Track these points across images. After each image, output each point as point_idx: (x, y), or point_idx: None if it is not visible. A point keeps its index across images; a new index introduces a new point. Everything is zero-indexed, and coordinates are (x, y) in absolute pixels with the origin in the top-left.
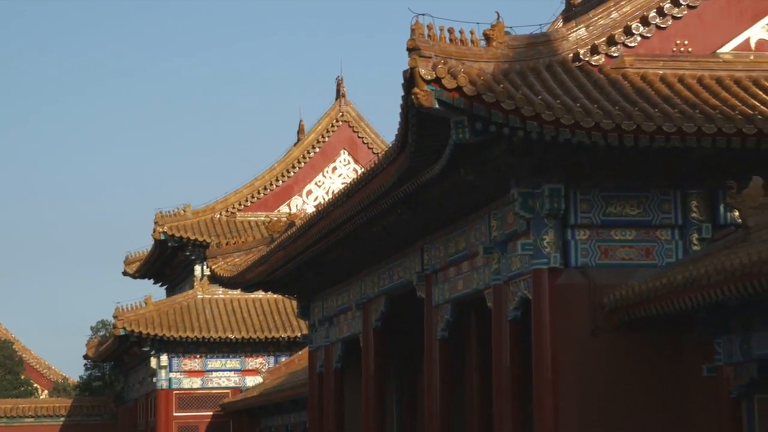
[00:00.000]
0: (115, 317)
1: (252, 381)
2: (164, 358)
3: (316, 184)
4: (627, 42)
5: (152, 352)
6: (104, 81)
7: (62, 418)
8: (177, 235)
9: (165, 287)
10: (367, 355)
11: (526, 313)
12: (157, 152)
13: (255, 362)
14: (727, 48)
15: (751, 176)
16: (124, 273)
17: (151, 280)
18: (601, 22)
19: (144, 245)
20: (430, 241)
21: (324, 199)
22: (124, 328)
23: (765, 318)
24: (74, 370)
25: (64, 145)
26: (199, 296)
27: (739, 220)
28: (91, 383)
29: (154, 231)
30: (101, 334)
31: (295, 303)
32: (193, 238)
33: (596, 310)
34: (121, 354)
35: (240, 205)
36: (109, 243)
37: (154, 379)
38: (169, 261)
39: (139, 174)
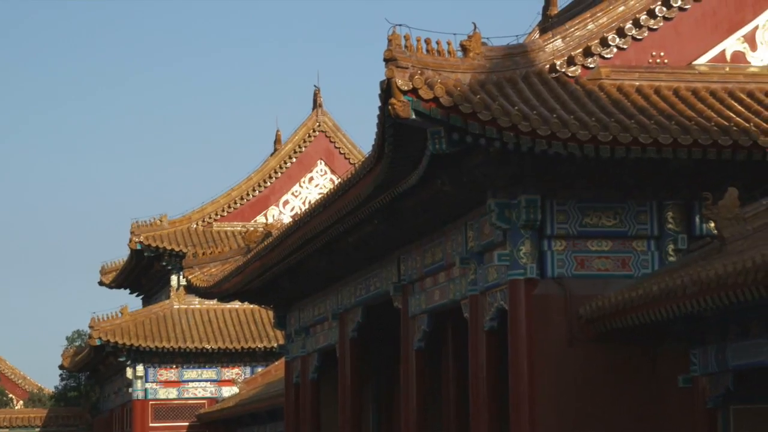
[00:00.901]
0: (90, 327)
1: (228, 391)
2: (140, 368)
3: (292, 194)
4: (603, 53)
5: (128, 363)
6: (80, 92)
7: (37, 429)
8: (153, 244)
9: (141, 297)
10: (343, 366)
11: (502, 323)
12: (133, 162)
13: (231, 373)
14: (703, 60)
15: (727, 187)
16: (100, 283)
17: (127, 290)
18: (578, 33)
19: (120, 255)
20: (406, 251)
21: (301, 209)
22: (99, 338)
23: (740, 329)
24: (50, 381)
25: (39, 155)
26: (175, 306)
27: (715, 232)
28: (67, 393)
29: (131, 241)
30: (77, 344)
31: (271, 313)
32: (169, 248)
33: (572, 321)
34: (97, 364)
35: (217, 215)
36: (84, 253)
37: (130, 390)
38: (145, 271)
39: (116, 183)
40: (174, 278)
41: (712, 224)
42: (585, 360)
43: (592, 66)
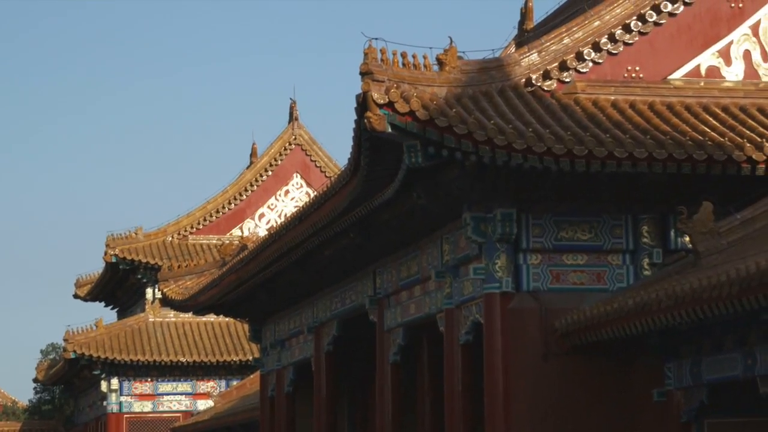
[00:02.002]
0: (65, 340)
1: (203, 405)
2: (115, 381)
3: (268, 207)
4: (579, 67)
5: (103, 376)
6: (56, 104)
7: None
8: (128, 257)
9: (116, 310)
10: (318, 379)
11: (478, 337)
12: (108, 174)
13: (206, 386)
14: (678, 74)
15: (702, 201)
16: (75, 296)
17: (102, 303)
18: (554, 47)
19: (95, 268)
20: (382, 264)
21: (276, 222)
22: (74, 352)
23: (715, 343)
24: (24, 394)
25: (13, 168)
26: (150, 319)
27: (690, 246)
28: (41, 407)
29: (106, 253)
30: (51, 357)
31: (246, 326)
32: (144, 260)
33: (548, 335)
34: (72, 377)
35: (192, 228)
36: (59, 265)
37: (105, 403)
38: (120, 284)
39: (91, 196)
40: (149, 291)
41: (687, 238)
42: (560, 373)
43: (567, 80)
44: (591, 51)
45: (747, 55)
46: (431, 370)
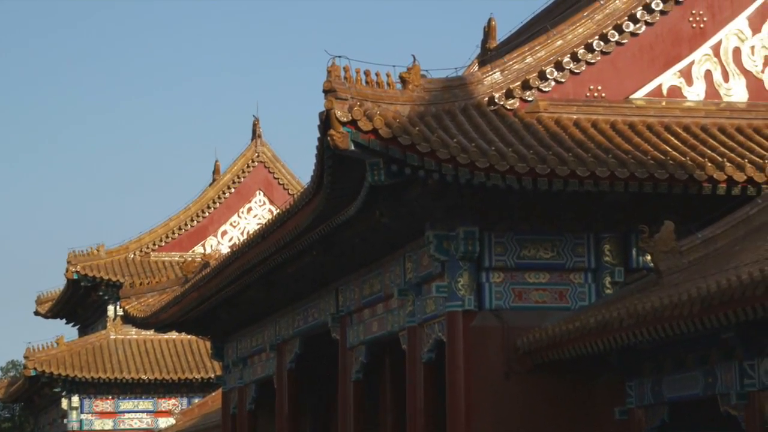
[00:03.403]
0: (25, 357)
1: (165, 422)
2: (75, 399)
3: (231, 224)
4: (541, 86)
5: (63, 393)
6: (16, 120)
7: None
8: (90, 274)
9: (77, 327)
10: (280, 397)
11: (440, 355)
12: (70, 191)
13: (168, 403)
14: (640, 94)
15: (663, 221)
16: (36, 313)
17: (64, 320)
18: (516, 66)
19: (56, 285)
20: (345, 282)
21: (239, 239)
22: (35, 369)
23: (676, 361)
24: None
25: None
26: (111, 336)
27: (651, 264)
28: (1, 425)
29: (67, 270)
30: (11, 374)
31: (208, 344)
32: (106, 277)
33: (510, 353)
34: (32, 395)
35: (154, 245)
36: (20, 282)
37: (65, 421)
38: (81, 301)
39: (52, 212)
40: (111, 308)
41: (649, 257)
42: (522, 391)
43: (530, 99)
44: (553, 70)
45: (708, 75)
46: (394, 387)
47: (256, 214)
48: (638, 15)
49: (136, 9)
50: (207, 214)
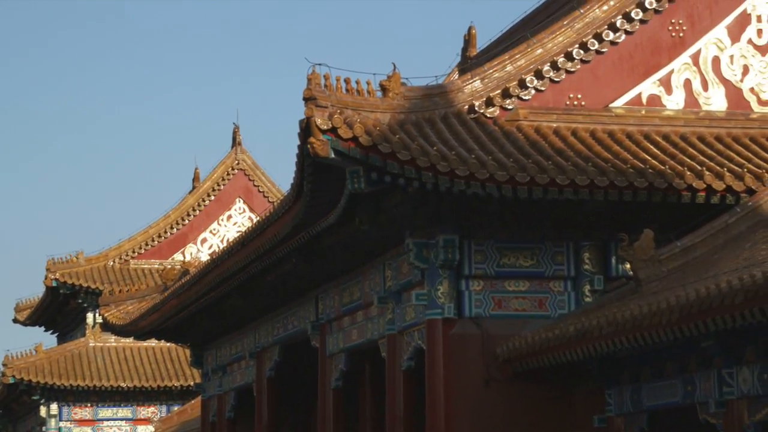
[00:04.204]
0: (4, 365)
1: (144, 430)
2: (54, 406)
3: (210, 232)
4: (521, 95)
5: (42, 401)
6: None
7: None
8: (69, 282)
9: (56, 335)
10: (260, 405)
11: (420, 363)
12: (50, 198)
13: (147, 411)
14: (620, 102)
15: (642, 229)
16: (15, 320)
17: (42, 328)
18: (496, 74)
19: (35, 292)
20: (324, 290)
21: (219, 247)
22: (13, 376)
23: (655, 369)
24: None
25: None
26: (90, 344)
27: (631, 273)
28: None
29: (46, 278)
30: None
31: (188, 351)
32: (85, 285)
33: (489, 361)
34: (10, 402)
35: (134, 252)
36: None
37: (44, 428)
38: (60, 308)
39: (31, 219)
40: (90, 316)
41: (628, 265)
42: (502, 399)
43: (510, 107)
44: (533, 78)
45: (687, 83)
46: (373, 395)
47: (236, 221)
48: (618, 24)
49: (116, 16)
50: (187, 221)
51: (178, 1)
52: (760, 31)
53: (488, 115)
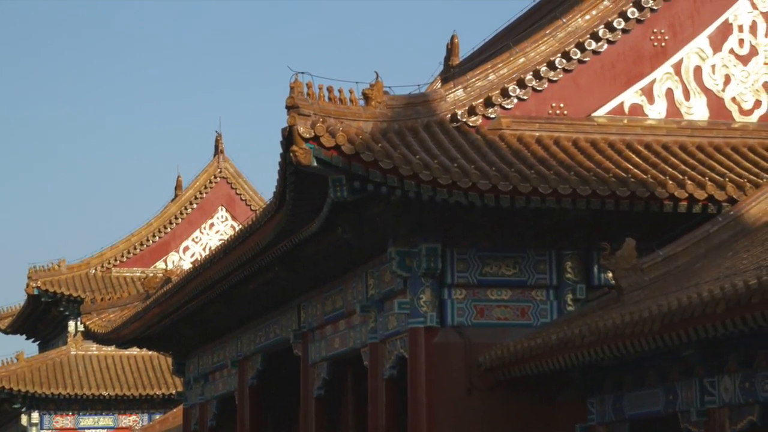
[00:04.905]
0: None
1: None
2: (35, 415)
3: (193, 240)
4: (504, 104)
5: (23, 409)
6: None
7: None
8: (51, 290)
9: (38, 343)
10: (242, 413)
11: (402, 371)
12: (31, 205)
13: (129, 420)
14: (602, 111)
15: (625, 238)
16: None
17: (24, 336)
18: (479, 83)
19: (17, 300)
20: (307, 299)
21: (201, 255)
22: None
23: (637, 378)
24: None
25: None
26: (72, 352)
27: (613, 282)
28: None
29: (28, 286)
30: None
31: (170, 360)
32: (67, 293)
33: (472, 370)
34: None
35: (116, 260)
36: None
37: None
38: (42, 316)
39: (12, 227)
40: (71, 324)
41: (610, 274)
42: (484, 408)
43: (492, 116)
44: (516, 87)
45: (669, 93)
46: (356, 404)
47: (218, 230)
48: (600, 33)
49: (99, 26)
50: (169, 229)
51: (161, 10)
52: (741, 41)
53: (471, 124)
